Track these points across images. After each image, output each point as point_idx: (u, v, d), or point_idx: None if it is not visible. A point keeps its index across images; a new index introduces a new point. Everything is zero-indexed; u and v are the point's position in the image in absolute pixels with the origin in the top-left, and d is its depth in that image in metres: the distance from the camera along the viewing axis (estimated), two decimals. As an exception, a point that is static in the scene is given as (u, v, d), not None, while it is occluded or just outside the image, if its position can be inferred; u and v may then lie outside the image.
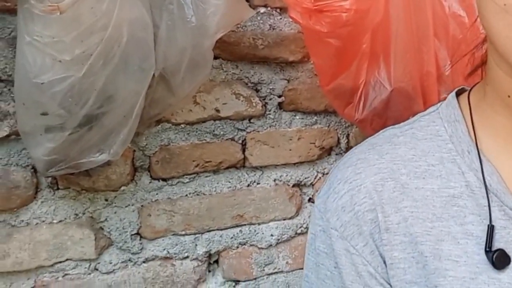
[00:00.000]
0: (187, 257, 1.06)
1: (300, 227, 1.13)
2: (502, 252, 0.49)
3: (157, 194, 1.03)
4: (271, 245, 1.11)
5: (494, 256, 0.49)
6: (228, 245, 1.08)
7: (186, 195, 1.05)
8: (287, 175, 1.11)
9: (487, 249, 0.49)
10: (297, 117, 1.10)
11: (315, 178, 1.14)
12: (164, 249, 1.04)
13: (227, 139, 1.05)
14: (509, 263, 0.49)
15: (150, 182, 1.02)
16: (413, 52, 0.90)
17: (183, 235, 1.05)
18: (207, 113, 1.03)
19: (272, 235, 1.11)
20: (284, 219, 1.12)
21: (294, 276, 1.14)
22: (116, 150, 0.83)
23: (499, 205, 0.51)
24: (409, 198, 0.53)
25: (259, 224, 1.10)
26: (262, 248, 1.11)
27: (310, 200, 1.15)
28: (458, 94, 0.60)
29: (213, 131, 1.04)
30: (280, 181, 1.11)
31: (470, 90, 0.59)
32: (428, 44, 0.91)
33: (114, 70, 0.75)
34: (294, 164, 1.11)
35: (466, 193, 0.52)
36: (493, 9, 0.45)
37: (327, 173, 1.14)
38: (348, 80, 0.93)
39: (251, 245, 1.10)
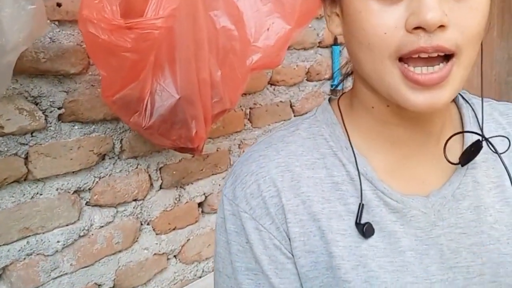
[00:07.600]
0: (-27, 279, 0.94)
1: (83, 230, 1.11)
2: (369, 224, 0.58)
3: None
4: (57, 251, 1.06)
5: (364, 228, 0.58)
6: (15, 258, 1.00)
7: (-32, 215, 0.92)
8: (68, 183, 1.07)
9: (357, 222, 0.58)
10: (76, 127, 1.06)
11: (92, 183, 1.12)
12: None
13: (10, 155, 0.96)
14: (373, 233, 0.58)
15: None
16: (193, 62, 0.97)
17: (-33, 257, 0.92)
18: (-11, 130, 0.92)
19: (58, 241, 1.06)
20: (67, 225, 1.08)
21: (78, 276, 1.11)
22: None
23: (372, 189, 0.60)
24: (304, 185, 0.60)
25: (44, 233, 1.04)
26: (48, 255, 1.05)
27: (87, 203, 1.12)
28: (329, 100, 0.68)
29: (-4, 148, 0.94)
30: (62, 189, 1.06)
31: (339, 98, 0.67)
32: (203, 55, 0.99)
33: None
34: (74, 172, 1.07)
35: (347, 180, 0.61)
36: (359, 47, 0.54)
37: (102, 177, 1.13)
38: (135, 90, 0.95)
39: (37, 254, 1.03)
